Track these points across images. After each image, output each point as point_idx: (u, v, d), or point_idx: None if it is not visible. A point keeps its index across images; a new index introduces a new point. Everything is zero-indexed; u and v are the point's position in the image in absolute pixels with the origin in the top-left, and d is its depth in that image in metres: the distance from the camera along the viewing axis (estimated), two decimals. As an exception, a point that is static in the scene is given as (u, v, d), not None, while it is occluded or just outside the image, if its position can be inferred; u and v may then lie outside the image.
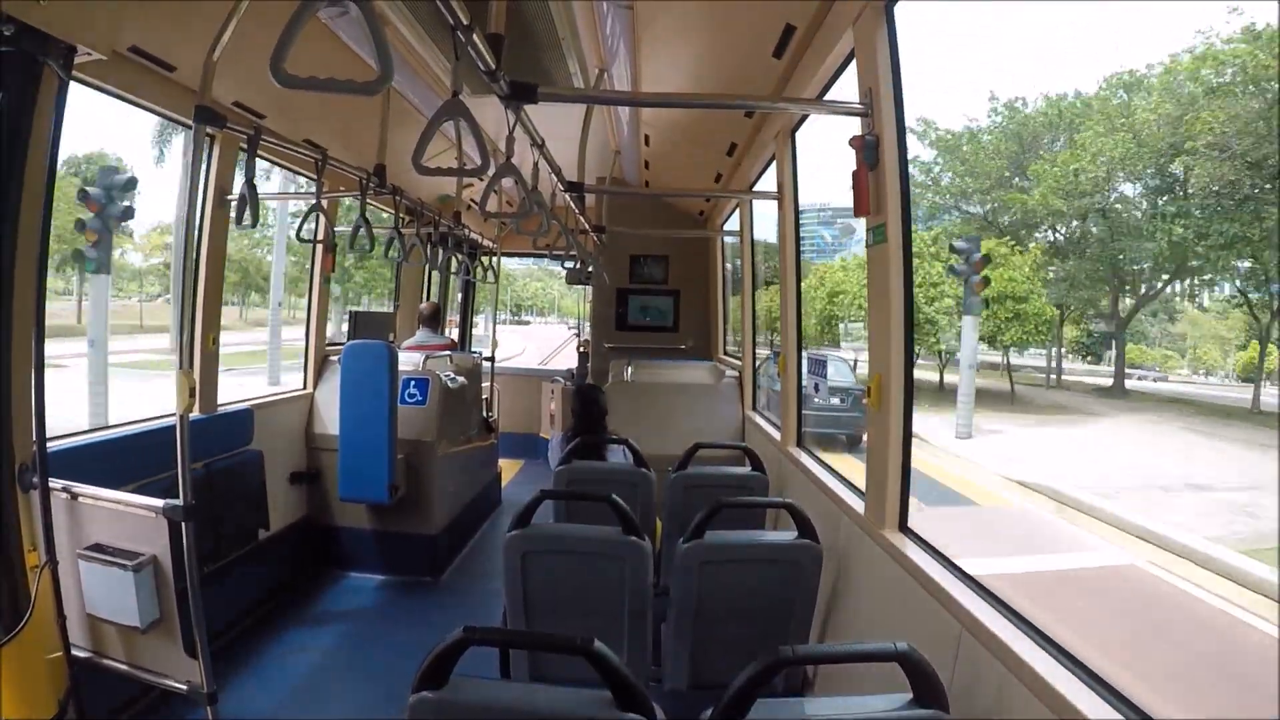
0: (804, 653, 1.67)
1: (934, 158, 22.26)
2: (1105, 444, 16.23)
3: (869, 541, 2.83)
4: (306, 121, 4.51)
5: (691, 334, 8.10)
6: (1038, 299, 19.24)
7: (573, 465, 3.88)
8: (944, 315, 18.90)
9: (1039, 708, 1.70)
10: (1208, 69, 14.81)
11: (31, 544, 2.34)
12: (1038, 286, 19.36)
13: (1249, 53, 14.04)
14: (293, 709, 3.71)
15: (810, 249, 32.91)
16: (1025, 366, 22.85)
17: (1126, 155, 17.43)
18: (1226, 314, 20.17)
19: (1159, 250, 17.47)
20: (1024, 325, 18.96)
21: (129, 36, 3.14)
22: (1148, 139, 16.92)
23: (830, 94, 3.52)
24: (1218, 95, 14.55)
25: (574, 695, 1.60)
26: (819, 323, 22.17)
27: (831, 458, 4.54)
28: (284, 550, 5.08)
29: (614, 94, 4.49)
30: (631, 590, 2.72)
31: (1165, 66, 16.81)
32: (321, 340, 5.68)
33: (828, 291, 22.41)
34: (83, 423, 5.80)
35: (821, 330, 22.44)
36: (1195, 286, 20.88)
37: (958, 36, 24.34)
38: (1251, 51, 13.95)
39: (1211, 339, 21.62)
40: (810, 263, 26.29)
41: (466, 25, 2.00)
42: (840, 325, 22.89)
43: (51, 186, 2.29)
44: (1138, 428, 17.16)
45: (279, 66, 1.47)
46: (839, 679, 2.83)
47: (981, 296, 16.51)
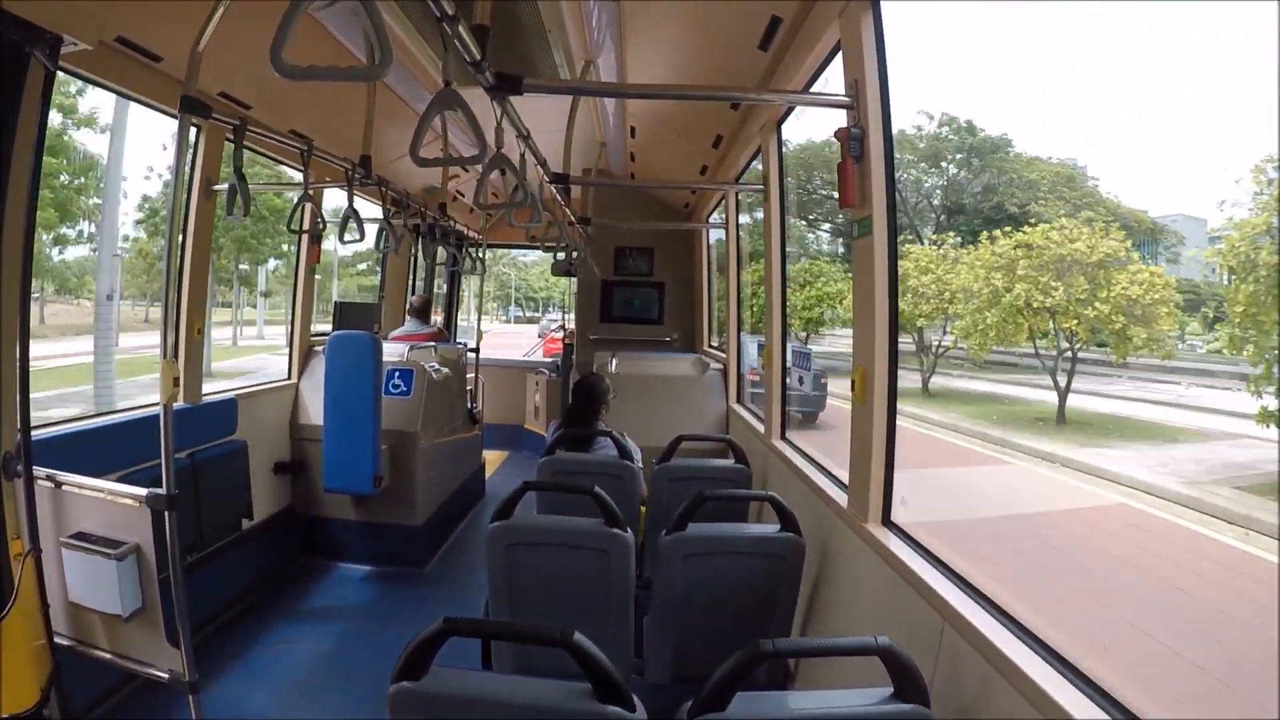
0: (785, 646, 1.69)
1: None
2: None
3: (852, 535, 2.84)
4: (292, 113, 4.50)
5: (676, 327, 8.11)
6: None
7: (556, 456, 3.89)
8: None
9: (1020, 702, 1.71)
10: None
11: (15, 532, 2.35)
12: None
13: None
14: (275, 698, 3.71)
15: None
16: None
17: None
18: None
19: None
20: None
21: (115, 27, 3.13)
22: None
23: (816, 86, 3.52)
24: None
25: (554, 687, 1.61)
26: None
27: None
28: (268, 540, 5.07)
29: (600, 86, 4.49)
30: (614, 582, 2.73)
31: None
32: (306, 330, 5.67)
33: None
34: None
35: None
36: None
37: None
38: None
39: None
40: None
41: (452, 16, 2.01)
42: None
43: (37, 176, 2.28)
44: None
45: (279, 56, 1.47)
46: (821, 672, 2.84)
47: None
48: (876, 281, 2.69)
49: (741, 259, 6.31)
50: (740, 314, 6.19)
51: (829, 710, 1.61)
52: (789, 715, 1.62)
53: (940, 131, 19.61)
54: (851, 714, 1.61)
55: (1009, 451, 10.47)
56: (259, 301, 32.86)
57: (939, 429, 11.93)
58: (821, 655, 1.90)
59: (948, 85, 31.31)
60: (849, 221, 2.87)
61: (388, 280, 8.08)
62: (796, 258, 21.04)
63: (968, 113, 16.27)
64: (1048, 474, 9.58)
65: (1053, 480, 9.34)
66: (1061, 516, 8.37)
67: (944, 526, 6.04)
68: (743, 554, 2.81)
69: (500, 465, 8.91)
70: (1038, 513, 8.60)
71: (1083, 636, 3.29)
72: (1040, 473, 9.70)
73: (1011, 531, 8.07)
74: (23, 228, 2.23)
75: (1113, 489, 8.50)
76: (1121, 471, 8.63)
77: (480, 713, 1.60)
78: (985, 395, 13.07)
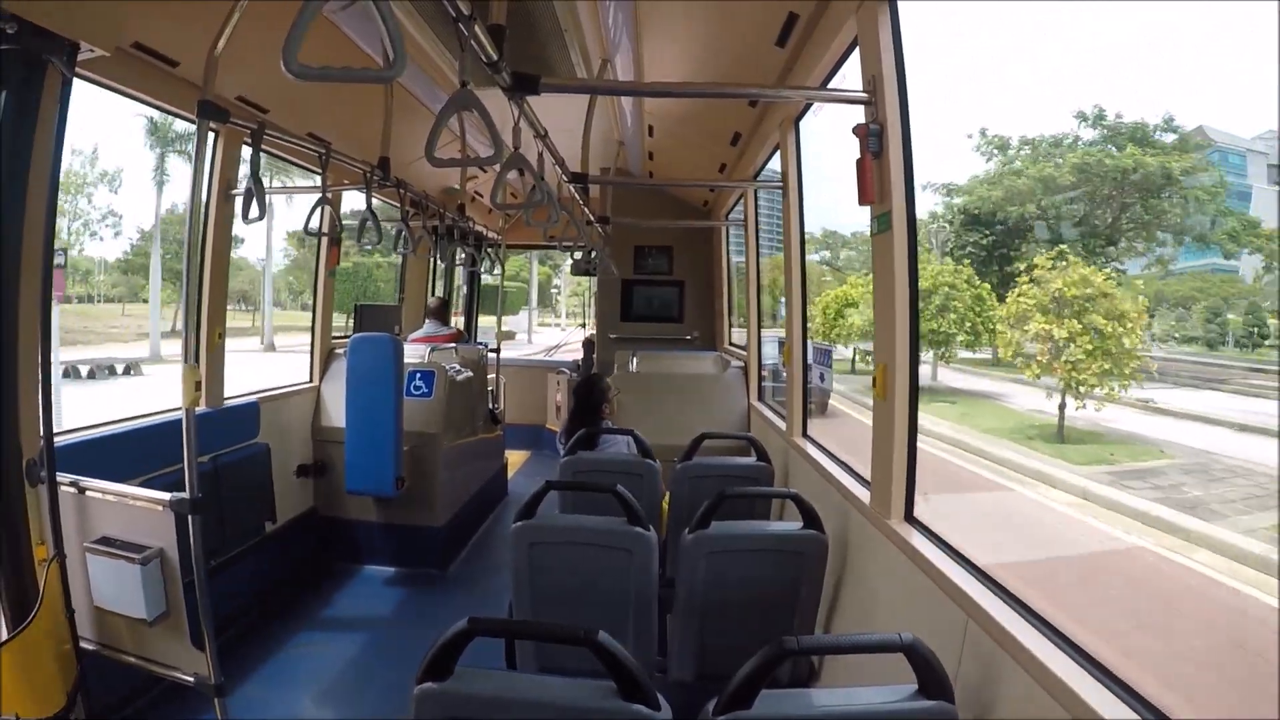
0: (809, 643, 1.68)
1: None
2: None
3: (874, 532, 2.82)
4: (310, 116, 4.52)
5: (696, 325, 8.10)
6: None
7: (578, 456, 3.89)
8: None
9: (1046, 700, 1.69)
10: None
11: (40, 537, 2.36)
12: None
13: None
14: (300, 701, 3.73)
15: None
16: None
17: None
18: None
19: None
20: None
21: (132, 33, 3.15)
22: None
23: (834, 82, 3.50)
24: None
25: (579, 686, 1.61)
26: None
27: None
28: (291, 543, 5.10)
29: (617, 84, 4.48)
30: (637, 581, 2.74)
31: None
32: (327, 333, 5.69)
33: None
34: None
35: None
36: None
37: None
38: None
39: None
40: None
41: (468, 17, 2.00)
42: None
43: (56, 184, 2.29)
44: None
45: (291, 58, 1.47)
46: (844, 670, 2.82)
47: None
48: (897, 277, 2.67)
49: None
50: (761, 311, 6.16)
51: (854, 707, 1.61)
52: (814, 713, 1.62)
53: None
54: (876, 711, 1.60)
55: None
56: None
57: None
58: (845, 652, 1.89)
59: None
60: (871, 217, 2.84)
61: (407, 282, 8.11)
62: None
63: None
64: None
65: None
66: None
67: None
68: (765, 551, 2.80)
69: (522, 465, 8.92)
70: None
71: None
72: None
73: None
74: (43, 234, 2.24)
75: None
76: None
77: (506, 712, 1.61)
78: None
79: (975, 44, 21.61)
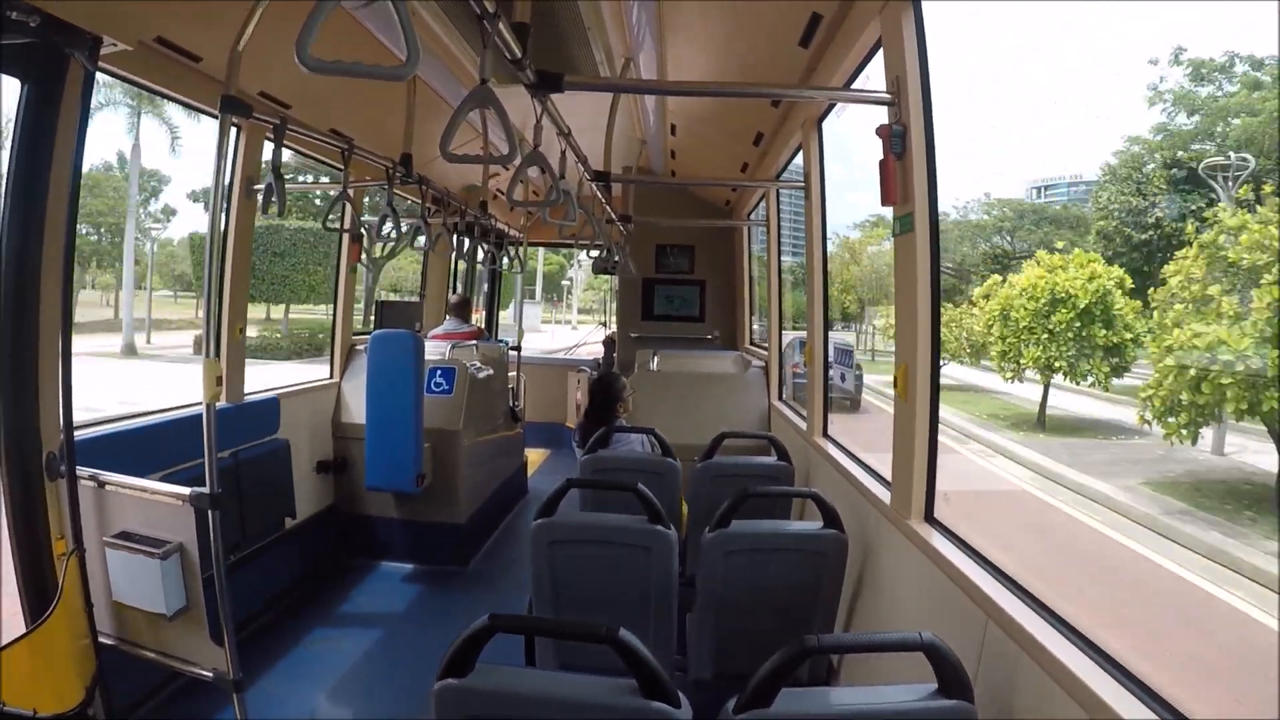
0: (829, 642, 1.68)
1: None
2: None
3: (895, 532, 2.82)
4: (332, 111, 4.52)
5: (717, 324, 8.08)
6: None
7: (598, 454, 3.90)
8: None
9: (1066, 701, 1.68)
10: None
11: (59, 532, 2.37)
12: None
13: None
14: (319, 697, 3.74)
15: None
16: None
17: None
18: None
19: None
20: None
21: (154, 27, 3.15)
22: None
23: (858, 82, 3.48)
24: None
25: (599, 683, 1.61)
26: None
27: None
28: (310, 539, 5.12)
29: (640, 83, 4.47)
30: (657, 579, 2.74)
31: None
32: (348, 329, 5.71)
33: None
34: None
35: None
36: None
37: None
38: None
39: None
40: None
41: (493, 14, 1.99)
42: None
43: (78, 178, 2.30)
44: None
45: (304, 50, 1.47)
46: (864, 669, 2.83)
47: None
48: (919, 278, 2.66)
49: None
50: (782, 310, 6.14)
51: (873, 706, 1.61)
52: (834, 712, 1.63)
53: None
54: (896, 710, 1.60)
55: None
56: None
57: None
58: (865, 651, 1.89)
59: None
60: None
61: (428, 279, 8.13)
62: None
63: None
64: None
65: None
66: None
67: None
68: (786, 550, 2.80)
69: (542, 463, 8.93)
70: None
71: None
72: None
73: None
74: (64, 228, 2.25)
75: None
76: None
77: (526, 709, 1.61)
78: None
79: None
